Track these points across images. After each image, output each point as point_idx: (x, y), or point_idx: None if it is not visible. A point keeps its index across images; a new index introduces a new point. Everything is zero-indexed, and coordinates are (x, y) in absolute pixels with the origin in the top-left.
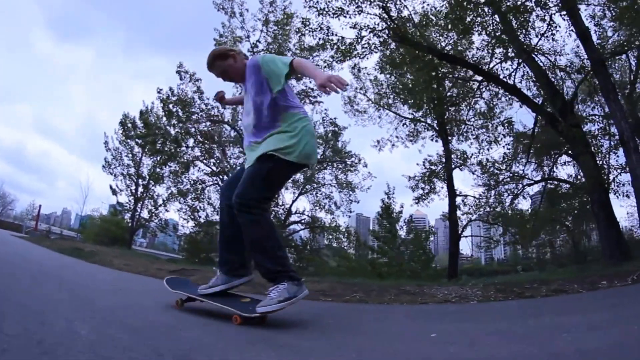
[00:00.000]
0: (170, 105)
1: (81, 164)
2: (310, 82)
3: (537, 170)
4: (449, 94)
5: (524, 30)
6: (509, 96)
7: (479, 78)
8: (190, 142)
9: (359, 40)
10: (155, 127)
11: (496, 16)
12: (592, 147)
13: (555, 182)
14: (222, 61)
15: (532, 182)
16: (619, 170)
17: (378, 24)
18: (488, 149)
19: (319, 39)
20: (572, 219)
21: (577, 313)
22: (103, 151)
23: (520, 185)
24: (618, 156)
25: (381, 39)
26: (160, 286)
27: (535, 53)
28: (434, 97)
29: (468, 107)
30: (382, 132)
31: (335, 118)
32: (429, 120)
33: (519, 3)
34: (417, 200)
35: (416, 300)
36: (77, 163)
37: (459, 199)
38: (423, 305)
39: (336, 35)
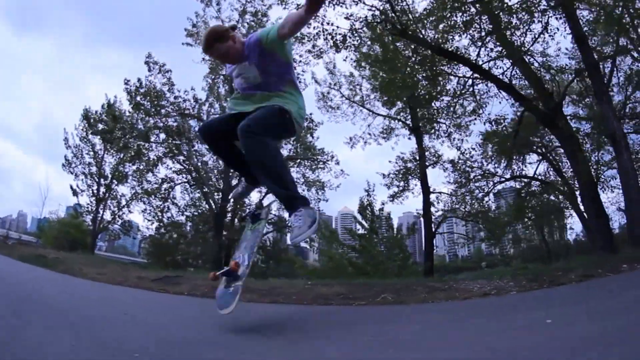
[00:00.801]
0: (139, 98)
1: (38, 165)
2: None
3: (507, 169)
4: (436, 89)
5: (523, 32)
6: (492, 95)
7: (468, 74)
8: (158, 137)
9: (353, 32)
10: (121, 121)
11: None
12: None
13: (525, 180)
14: (223, 43)
15: (503, 179)
16: (604, 167)
17: (376, 16)
18: (465, 151)
19: (313, 27)
20: (536, 216)
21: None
22: (61, 152)
23: (491, 183)
24: (603, 154)
25: (378, 32)
26: (163, 300)
27: (528, 54)
28: (423, 93)
29: (453, 105)
30: (355, 129)
31: (311, 114)
32: (405, 118)
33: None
34: (392, 198)
35: (455, 296)
36: (34, 163)
37: (433, 196)
38: (469, 300)
39: (331, 24)
